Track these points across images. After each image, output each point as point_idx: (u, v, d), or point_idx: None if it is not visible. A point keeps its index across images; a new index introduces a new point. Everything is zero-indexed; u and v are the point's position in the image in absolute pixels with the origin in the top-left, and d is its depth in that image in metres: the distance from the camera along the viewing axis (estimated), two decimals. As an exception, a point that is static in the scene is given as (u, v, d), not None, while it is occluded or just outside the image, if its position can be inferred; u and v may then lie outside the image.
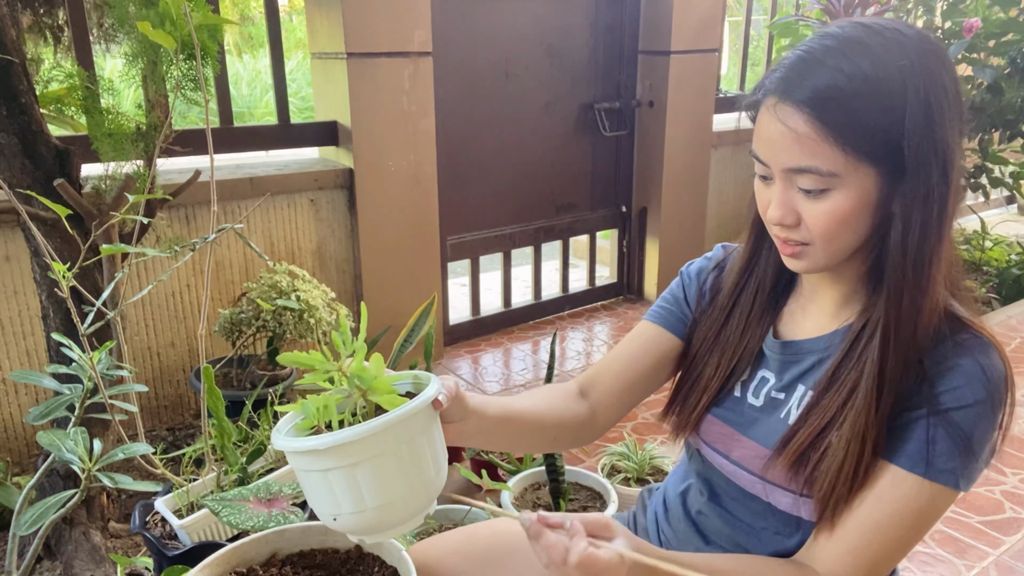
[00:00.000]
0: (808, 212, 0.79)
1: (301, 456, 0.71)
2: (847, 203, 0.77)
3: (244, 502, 1.12)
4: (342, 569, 0.92)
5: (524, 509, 1.75)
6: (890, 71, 0.74)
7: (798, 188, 0.79)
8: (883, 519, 0.78)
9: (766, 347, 0.94)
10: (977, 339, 0.79)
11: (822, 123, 0.75)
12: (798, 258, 0.83)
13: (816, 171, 0.76)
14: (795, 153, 0.77)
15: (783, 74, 0.79)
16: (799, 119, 0.76)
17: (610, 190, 3.48)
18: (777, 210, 0.81)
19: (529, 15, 3.00)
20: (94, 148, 1.71)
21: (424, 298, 2.60)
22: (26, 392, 2.15)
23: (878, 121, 0.74)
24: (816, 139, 0.75)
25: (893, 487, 0.78)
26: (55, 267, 1.12)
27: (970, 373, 0.77)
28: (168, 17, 1.41)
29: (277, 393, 2.00)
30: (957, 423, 0.77)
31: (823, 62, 0.76)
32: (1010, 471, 2.11)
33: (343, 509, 0.72)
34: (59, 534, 1.66)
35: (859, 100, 0.74)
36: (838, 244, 0.80)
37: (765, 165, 0.81)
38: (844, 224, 0.78)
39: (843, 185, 0.77)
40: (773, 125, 0.78)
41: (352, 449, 0.69)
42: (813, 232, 0.80)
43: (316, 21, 2.56)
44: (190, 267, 2.35)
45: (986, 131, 3.55)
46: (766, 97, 0.80)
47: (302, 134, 2.67)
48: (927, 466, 0.77)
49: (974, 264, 4.09)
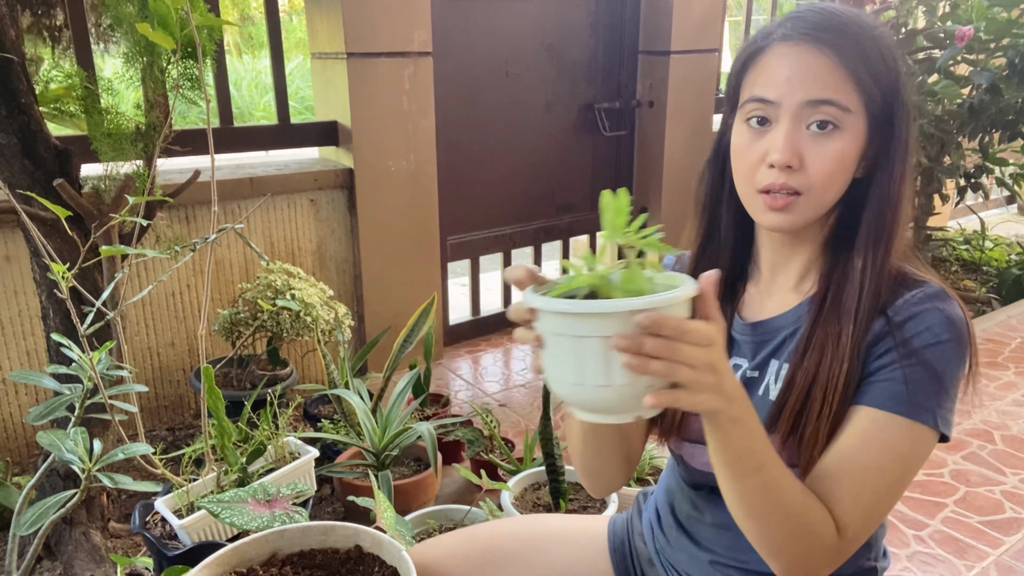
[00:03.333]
0: (813, 153, 0.81)
1: (559, 317, 0.66)
2: (850, 145, 0.82)
3: (242, 503, 1.12)
4: (342, 569, 0.92)
5: (527, 508, 1.75)
6: (884, 36, 0.83)
7: (807, 127, 0.81)
8: (872, 463, 0.80)
9: (736, 332, 0.95)
10: (936, 289, 0.83)
11: (843, 61, 0.80)
12: (786, 211, 0.83)
13: (836, 103, 0.80)
14: (817, 85, 0.80)
15: (800, 19, 0.82)
16: (822, 55, 0.80)
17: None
18: (787, 149, 0.81)
19: (529, 15, 3.00)
20: (94, 148, 1.71)
21: (424, 298, 2.59)
22: (26, 392, 2.15)
23: (881, 73, 0.82)
24: (839, 74, 0.80)
25: (879, 431, 0.80)
26: (55, 267, 1.12)
27: (936, 317, 0.81)
28: (166, 17, 1.41)
29: (277, 393, 2.00)
30: (930, 361, 0.80)
31: (837, 14, 0.82)
32: (1010, 471, 2.11)
33: (587, 381, 0.67)
34: (59, 534, 1.66)
35: (871, 50, 0.81)
36: (831, 192, 0.83)
37: (771, 104, 0.82)
38: (844, 168, 0.82)
39: (848, 127, 0.81)
40: (793, 61, 0.81)
41: (616, 320, 0.64)
42: (815, 175, 0.81)
43: (316, 21, 2.57)
44: (190, 267, 2.35)
45: (986, 132, 3.55)
46: (780, 41, 0.83)
47: (302, 134, 2.67)
48: (908, 406, 0.80)
49: (974, 264, 4.09)
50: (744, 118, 0.85)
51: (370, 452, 1.85)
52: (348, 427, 1.93)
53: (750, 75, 0.86)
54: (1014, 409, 2.45)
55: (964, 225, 4.60)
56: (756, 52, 0.85)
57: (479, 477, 1.73)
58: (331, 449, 2.01)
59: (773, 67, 0.83)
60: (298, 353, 2.59)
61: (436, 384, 2.72)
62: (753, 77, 0.85)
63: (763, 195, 0.84)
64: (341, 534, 0.95)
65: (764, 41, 0.85)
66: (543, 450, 1.78)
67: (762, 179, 0.84)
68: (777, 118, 0.82)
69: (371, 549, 0.93)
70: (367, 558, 0.92)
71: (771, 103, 0.82)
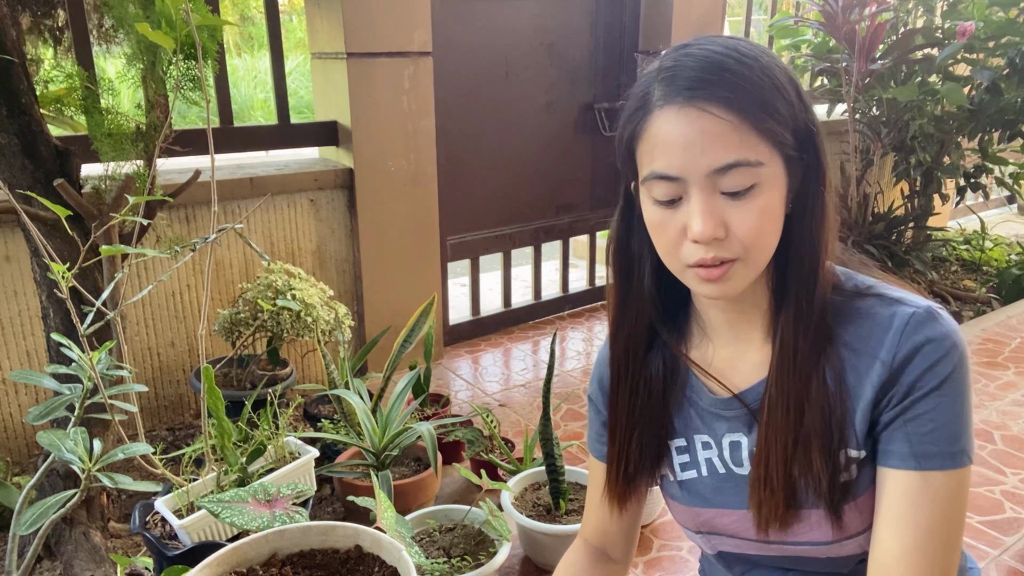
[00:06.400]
0: (737, 217, 0.75)
1: None
2: (773, 196, 0.76)
3: (242, 503, 1.12)
4: (342, 569, 0.92)
5: (527, 508, 1.75)
6: (771, 62, 0.76)
7: (721, 194, 0.74)
8: (933, 526, 0.77)
9: (717, 409, 0.89)
10: (915, 311, 0.78)
11: (741, 112, 0.72)
12: (725, 280, 0.77)
13: (746, 163, 0.73)
14: (720, 149, 0.73)
15: (674, 77, 0.75)
16: (717, 113, 0.72)
17: (610, 190, 3.48)
18: (707, 222, 0.74)
19: (529, 15, 3.00)
20: (94, 148, 1.72)
21: (424, 298, 2.60)
22: (26, 392, 2.15)
23: (783, 110, 0.75)
24: (741, 130, 0.73)
25: (923, 492, 0.78)
26: (55, 267, 1.12)
27: (934, 351, 0.77)
28: (167, 17, 1.41)
29: (277, 393, 2.00)
30: (945, 401, 0.77)
31: (713, 55, 0.75)
32: (1010, 471, 2.11)
33: None
34: (59, 534, 1.66)
35: (763, 88, 0.74)
36: (768, 248, 0.78)
37: (675, 180, 0.75)
38: (773, 221, 0.77)
39: (766, 177, 0.75)
40: (687, 128, 0.73)
41: None
42: (744, 239, 0.75)
43: (316, 21, 2.57)
44: (190, 267, 2.35)
45: (986, 131, 3.56)
46: (662, 107, 0.75)
47: (302, 134, 2.67)
48: (942, 458, 0.77)
49: (974, 264, 4.09)
50: (650, 195, 0.78)
51: (370, 452, 1.85)
52: (348, 427, 1.93)
53: (641, 145, 0.78)
54: (1014, 409, 2.46)
55: (964, 225, 4.60)
56: (640, 121, 0.77)
57: (479, 477, 1.73)
58: (331, 449, 2.01)
59: (664, 138, 0.75)
60: (298, 353, 2.59)
61: (436, 384, 2.72)
62: (646, 148, 0.77)
63: (696, 268, 0.77)
64: (341, 534, 0.95)
65: (644, 108, 0.77)
66: (543, 450, 1.78)
67: (689, 255, 0.77)
68: (687, 191, 0.75)
69: (371, 549, 0.93)
70: (367, 558, 0.92)
71: (675, 179, 0.75)
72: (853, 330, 0.81)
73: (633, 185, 0.84)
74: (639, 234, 0.87)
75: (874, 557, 0.80)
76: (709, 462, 0.91)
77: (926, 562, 0.77)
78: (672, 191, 0.76)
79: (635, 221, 0.86)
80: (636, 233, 0.87)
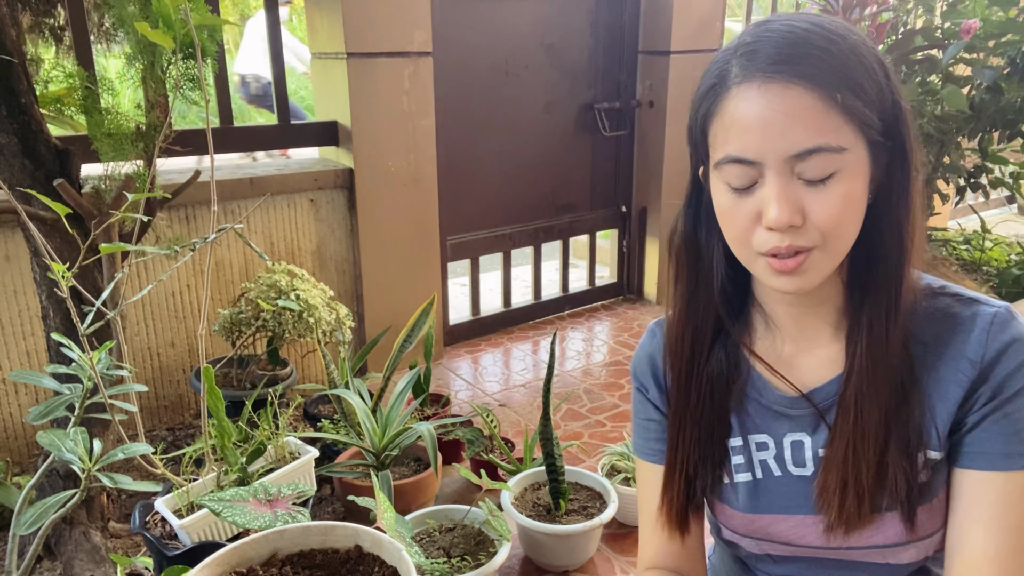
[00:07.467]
0: (816, 205, 0.70)
1: None
2: (855, 184, 0.71)
3: (243, 503, 1.12)
4: (342, 569, 0.92)
5: (527, 508, 1.75)
6: (859, 40, 0.71)
7: (799, 180, 0.70)
8: (1021, 523, 0.76)
9: (781, 407, 0.85)
10: (996, 311, 0.76)
11: (826, 91, 0.68)
12: (800, 272, 0.73)
13: (827, 148, 0.68)
14: (801, 132, 0.68)
15: (756, 52, 0.70)
16: (796, 92, 0.68)
17: (610, 190, 3.48)
18: (784, 208, 0.69)
19: (529, 15, 3.00)
20: (94, 148, 1.71)
21: (424, 298, 2.60)
22: (26, 392, 2.15)
23: (872, 91, 0.70)
24: (825, 111, 0.68)
25: (1011, 491, 0.76)
26: (55, 267, 1.12)
27: (1019, 351, 0.75)
28: (165, 17, 1.41)
29: (277, 393, 2.00)
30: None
31: (798, 32, 0.70)
32: (1010, 471, 2.10)
33: None
34: (59, 534, 1.66)
35: (853, 66, 0.69)
36: (848, 237, 0.73)
37: (751, 164, 0.71)
38: (854, 209, 0.72)
39: (848, 164, 0.70)
40: (767, 107, 0.68)
41: None
42: (823, 227, 0.71)
43: (316, 21, 2.57)
44: (190, 267, 2.35)
45: (986, 131, 3.56)
46: (740, 83, 0.70)
47: (302, 134, 2.67)
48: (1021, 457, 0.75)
49: (974, 264, 4.09)
50: (723, 179, 0.74)
51: (370, 452, 1.85)
52: (348, 427, 1.93)
53: (715, 125, 0.73)
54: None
55: (964, 225, 4.60)
56: (716, 99, 0.73)
57: (479, 477, 1.73)
58: (331, 449, 2.01)
59: (741, 118, 0.70)
60: (298, 353, 2.59)
61: (436, 384, 2.72)
62: (720, 129, 0.73)
63: (768, 258, 0.73)
64: (341, 534, 0.95)
65: (721, 85, 0.72)
66: (543, 450, 1.78)
67: (763, 243, 0.73)
68: (762, 175, 0.71)
69: (371, 549, 0.92)
70: (367, 558, 0.92)
71: (751, 163, 0.71)
72: (931, 329, 0.78)
73: (702, 171, 0.80)
74: (707, 224, 0.82)
75: (963, 558, 0.77)
76: (764, 464, 0.87)
77: (1018, 562, 0.76)
78: (747, 176, 0.72)
79: (703, 209, 0.82)
80: (704, 222, 0.83)
